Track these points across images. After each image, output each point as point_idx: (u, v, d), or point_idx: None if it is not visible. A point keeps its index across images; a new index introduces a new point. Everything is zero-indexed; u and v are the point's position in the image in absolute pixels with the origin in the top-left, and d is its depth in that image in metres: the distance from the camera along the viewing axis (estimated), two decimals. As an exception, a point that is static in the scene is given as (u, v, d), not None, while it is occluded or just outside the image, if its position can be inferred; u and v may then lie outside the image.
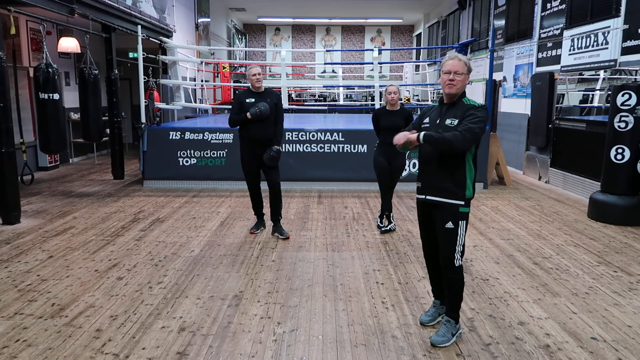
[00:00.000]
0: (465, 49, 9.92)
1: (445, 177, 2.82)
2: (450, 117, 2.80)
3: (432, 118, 2.92)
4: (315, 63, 17.90)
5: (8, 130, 5.32)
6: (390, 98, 4.92)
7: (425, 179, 2.92)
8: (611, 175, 5.69)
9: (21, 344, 2.86)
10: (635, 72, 6.74)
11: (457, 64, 2.80)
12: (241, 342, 2.91)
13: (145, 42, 7.99)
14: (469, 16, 13.52)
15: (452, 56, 2.85)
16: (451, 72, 2.79)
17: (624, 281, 3.91)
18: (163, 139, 7.49)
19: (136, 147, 9.49)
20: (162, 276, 3.92)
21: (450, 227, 2.82)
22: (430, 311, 3.17)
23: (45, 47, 6.25)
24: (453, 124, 2.77)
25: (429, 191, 2.89)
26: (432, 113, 2.95)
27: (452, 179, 2.81)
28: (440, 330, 2.94)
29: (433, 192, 2.87)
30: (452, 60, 2.82)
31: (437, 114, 2.91)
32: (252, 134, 4.78)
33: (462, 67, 2.80)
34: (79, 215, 5.82)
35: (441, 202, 2.84)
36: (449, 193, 2.81)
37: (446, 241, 2.85)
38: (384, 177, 5.09)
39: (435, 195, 2.86)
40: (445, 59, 2.87)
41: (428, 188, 2.90)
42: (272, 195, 4.93)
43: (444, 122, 2.81)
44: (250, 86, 4.85)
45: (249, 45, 21.29)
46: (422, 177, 2.96)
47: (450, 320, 2.94)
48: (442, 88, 2.87)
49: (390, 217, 5.27)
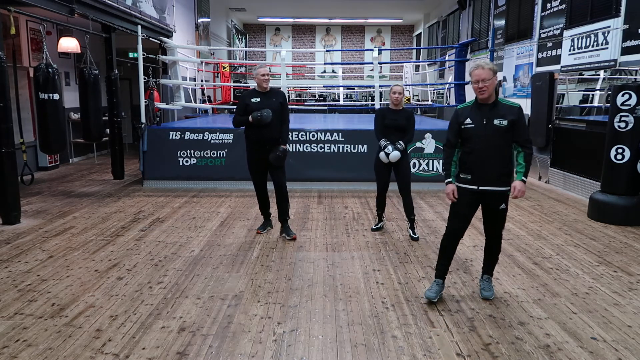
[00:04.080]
0: (465, 49, 9.93)
1: (499, 170, 3.30)
2: (498, 118, 3.25)
3: (475, 118, 3.30)
4: (315, 63, 17.90)
5: (8, 130, 5.32)
6: (395, 98, 4.91)
7: (478, 171, 3.31)
8: (611, 175, 5.69)
9: (21, 344, 2.86)
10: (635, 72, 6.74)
11: (483, 73, 3.21)
12: (241, 342, 2.91)
13: (145, 42, 7.99)
14: (469, 16, 13.52)
15: (477, 66, 3.26)
16: (479, 81, 3.22)
17: (624, 281, 3.91)
18: (163, 139, 7.49)
19: (136, 147, 9.49)
20: (162, 276, 3.92)
21: (504, 207, 3.38)
22: (434, 288, 3.49)
23: (45, 47, 6.24)
24: (503, 124, 3.24)
25: (482, 182, 3.31)
26: (472, 113, 3.32)
27: (504, 171, 3.31)
28: (487, 285, 3.57)
29: (487, 183, 3.31)
30: (477, 70, 3.24)
31: (480, 114, 3.29)
32: (257, 134, 4.75)
33: (488, 73, 3.21)
34: (79, 215, 5.82)
35: (496, 190, 3.32)
36: (502, 182, 3.31)
37: (500, 218, 3.44)
38: (382, 178, 5.11)
39: (490, 185, 3.31)
40: (472, 69, 3.28)
41: (481, 179, 3.31)
42: (279, 196, 4.91)
43: (493, 123, 3.25)
44: (256, 86, 4.83)
45: (249, 45, 21.28)
46: (473, 170, 3.33)
47: (490, 277, 3.63)
48: (475, 94, 3.32)
49: (382, 216, 5.31)
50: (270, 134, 4.73)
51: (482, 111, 3.31)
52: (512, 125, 3.25)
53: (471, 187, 3.35)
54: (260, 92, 4.78)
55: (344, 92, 17.73)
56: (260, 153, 4.79)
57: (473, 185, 3.35)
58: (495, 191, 3.32)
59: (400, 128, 4.91)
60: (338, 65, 17.80)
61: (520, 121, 3.27)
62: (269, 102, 4.72)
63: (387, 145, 4.87)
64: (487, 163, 3.29)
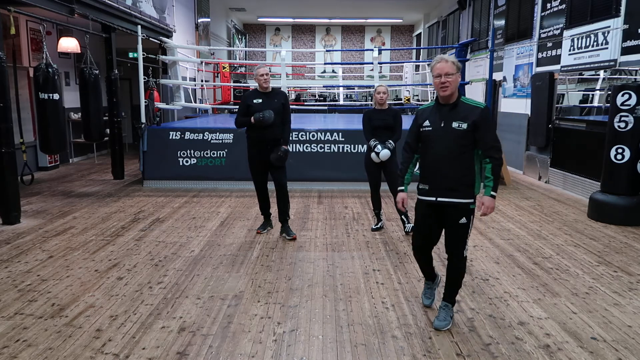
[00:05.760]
0: (465, 49, 9.93)
1: (457, 179, 2.92)
2: (457, 120, 2.88)
3: (433, 121, 2.95)
4: (315, 63, 17.89)
5: (8, 130, 5.32)
6: (380, 98, 4.94)
7: (435, 181, 2.97)
8: (611, 175, 5.69)
9: (21, 344, 2.86)
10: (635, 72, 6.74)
11: (446, 66, 2.85)
12: (241, 342, 2.91)
13: (145, 42, 7.99)
14: (468, 16, 13.52)
15: (439, 59, 2.90)
16: (441, 74, 2.85)
17: (624, 281, 3.91)
18: (163, 139, 7.49)
19: (136, 147, 9.48)
20: (162, 276, 3.92)
21: (464, 222, 2.96)
22: (428, 293, 3.35)
23: (45, 47, 6.25)
24: (462, 127, 2.86)
25: (439, 193, 2.96)
26: (431, 115, 2.98)
27: (463, 180, 2.92)
28: (441, 315, 3.13)
29: (445, 194, 2.94)
30: (440, 63, 2.88)
31: (439, 116, 2.94)
32: (259, 135, 4.75)
33: (451, 67, 2.85)
34: (79, 215, 5.82)
35: (455, 202, 2.94)
36: (461, 193, 2.92)
37: (460, 235, 2.99)
38: (373, 176, 5.17)
39: (448, 197, 2.94)
40: (433, 62, 2.91)
41: (438, 190, 2.96)
42: (280, 196, 4.92)
43: (451, 126, 2.88)
44: (257, 86, 4.83)
45: (249, 45, 21.28)
46: (429, 180, 2.99)
47: (449, 305, 3.14)
48: (436, 91, 2.95)
49: (380, 215, 5.34)
50: (271, 134, 4.73)
51: (442, 112, 2.93)
52: (474, 128, 2.85)
53: (429, 199, 3.00)
54: (262, 92, 4.78)
55: (344, 92, 17.72)
56: (262, 153, 4.79)
57: (431, 197, 2.99)
58: (454, 203, 2.93)
59: (388, 127, 4.99)
60: (338, 65, 17.80)
61: (483, 123, 2.86)
62: (271, 103, 4.72)
63: (377, 145, 4.91)
64: (444, 171, 2.92)
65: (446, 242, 3.07)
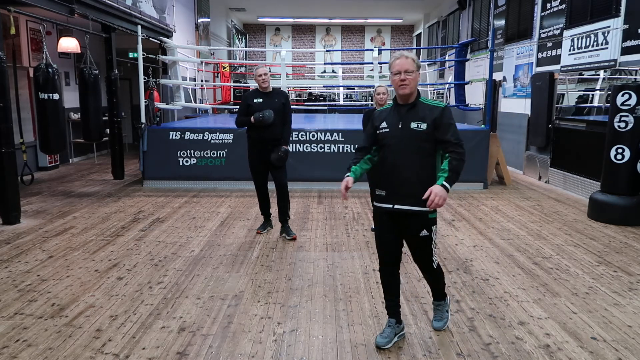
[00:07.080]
0: (465, 49, 9.94)
1: (415, 185, 2.67)
2: (416, 121, 2.68)
3: (391, 122, 2.75)
4: (315, 63, 17.89)
5: (8, 130, 5.32)
6: (380, 98, 4.90)
7: (392, 186, 2.74)
8: (611, 175, 5.69)
9: (21, 344, 2.86)
10: (635, 72, 6.73)
11: (406, 63, 2.67)
12: (241, 342, 2.91)
13: (145, 42, 7.99)
14: (468, 16, 13.52)
15: (399, 55, 2.71)
16: (401, 72, 2.67)
17: (624, 281, 3.91)
18: (163, 139, 7.49)
19: (136, 147, 9.49)
20: (162, 276, 3.92)
21: (425, 234, 2.76)
22: (386, 332, 2.89)
23: (45, 47, 6.25)
24: (420, 127, 2.66)
25: (397, 200, 2.73)
26: (389, 116, 2.78)
27: (423, 186, 2.64)
28: (437, 315, 3.09)
29: (402, 201, 2.72)
30: (399, 59, 2.69)
31: (396, 117, 2.74)
32: (259, 134, 4.75)
33: (411, 64, 2.67)
34: (79, 215, 5.82)
35: (412, 210, 2.71)
36: (420, 200, 2.63)
37: (423, 248, 2.82)
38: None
39: (406, 204, 2.71)
40: (392, 59, 2.72)
41: (395, 196, 2.73)
42: (280, 196, 4.92)
43: (409, 126, 2.68)
44: (258, 86, 4.83)
45: (249, 45, 21.28)
46: (386, 185, 2.76)
47: (441, 302, 3.08)
48: (394, 89, 2.76)
49: None
50: (272, 134, 4.74)
51: (400, 113, 2.73)
52: (434, 127, 2.65)
53: (386, 206, 2.77)
54: (262, 92, 4.78)
55: (343, 92, 17.72)
56: (262, 153, 4.80)
57: (387, 204, 2.76)
58: (412, 211, 2.70)
59: None
60: (338, 65, 17.80)
61: (444, 121, 2.66)
62: (271, 103, 4.72)
63: None
64: (401, 175, 2.70)
65: (412, 255, 2.90)
